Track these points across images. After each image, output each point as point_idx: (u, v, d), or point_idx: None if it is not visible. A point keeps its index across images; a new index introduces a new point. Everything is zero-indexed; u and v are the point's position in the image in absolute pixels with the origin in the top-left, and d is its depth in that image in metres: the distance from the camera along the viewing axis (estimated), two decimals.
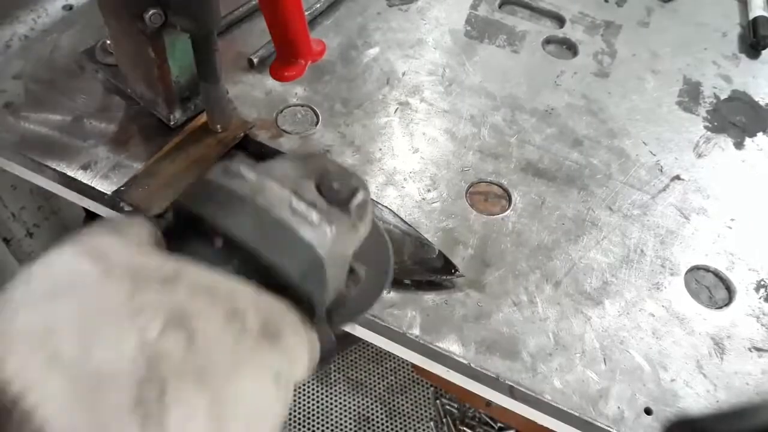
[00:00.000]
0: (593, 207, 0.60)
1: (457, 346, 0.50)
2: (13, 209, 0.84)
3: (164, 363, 0.24)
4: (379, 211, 0.55)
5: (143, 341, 0.24)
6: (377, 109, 0.67)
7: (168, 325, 0.25)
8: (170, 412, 0.23)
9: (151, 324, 0.24)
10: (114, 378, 0.23)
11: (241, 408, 0.26)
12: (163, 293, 0.26)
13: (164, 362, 0.24)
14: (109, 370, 0.23)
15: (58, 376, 0.22)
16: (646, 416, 0.47)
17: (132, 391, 0.23)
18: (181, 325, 0.25)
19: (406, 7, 0.79)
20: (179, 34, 0.53)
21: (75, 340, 0.23)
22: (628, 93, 0.72)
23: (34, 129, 0.60)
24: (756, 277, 0.56)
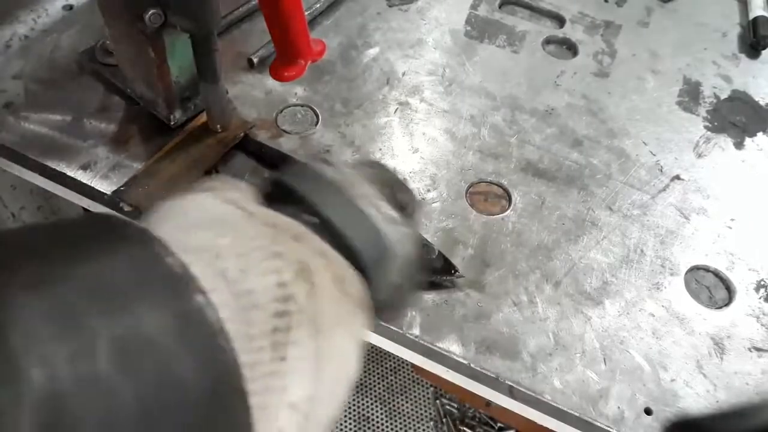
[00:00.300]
0: (593, 207, 0.60)
1: (457, 346, 0.50)
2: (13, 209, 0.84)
3: (292, 303, 0.26)
4: None
5: (281, 281, 0.27)
6: (377, 109, 0.67)
7: (296, 274, 0.28)
8: (291, 347, 0.26)
9: (286, 268, 0.27)
10: (261, 303, 0.25)
11: (336, 362, 0.29)
12: (294, 246, 0.29)
13: (293, 303, 0.26)
14: (258, 296, 0.25)
15: (226, 290, 0.25)
16: (646, 416, 0.47)
17: (271, 318, 0.25)
18: (305, 277, 0.28)
19: (406, 7, 0.79)
20: (179, 34, 0.53)
21: (235, 264, 0.26)
22: (628, 93, 0.72)
23: (34, 129, 0.60)
24: (756, 277, 0.56)
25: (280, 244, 0.28)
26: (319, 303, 0.28)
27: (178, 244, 0.25)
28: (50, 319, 0.20)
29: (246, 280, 0.26)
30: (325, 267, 0.30)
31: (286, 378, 0.25)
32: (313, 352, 0.27)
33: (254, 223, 0.29)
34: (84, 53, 0.65)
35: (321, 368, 0.27)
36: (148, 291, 0.22)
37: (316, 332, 0.27)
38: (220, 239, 0.27)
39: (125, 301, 0.22)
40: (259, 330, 0.25)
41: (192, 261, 0.24)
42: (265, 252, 0.27)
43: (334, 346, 0.28)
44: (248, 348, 0.24)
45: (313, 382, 0.27)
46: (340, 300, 0.30)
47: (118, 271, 0.22)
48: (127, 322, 0.21)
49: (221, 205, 0.30)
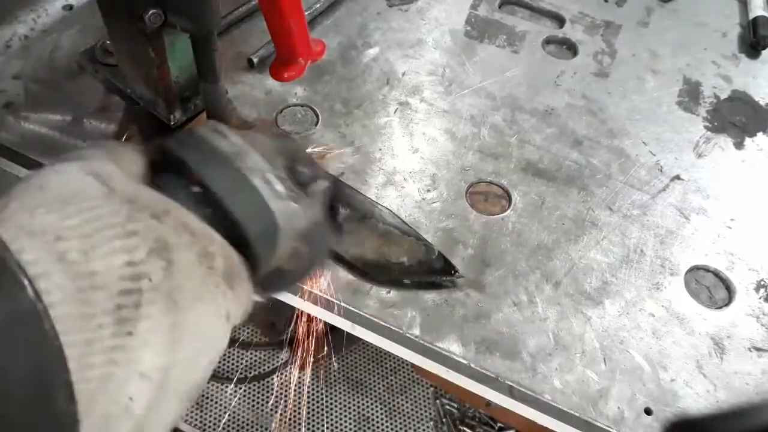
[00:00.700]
0: (593, 207, 0.60)
1: (457, 346, 0.50)
2: None
3: (144, 282, 0.27)
4: (378, 211, 0.55)
5: (131, 260, 0.27)
6: (377, 109, 0.67)
7: (152, 252, 0.28)
8: (141, 322, 0.27)
9: (139, 248, 0.28)
10: (104, 284, 0.26)
11: (195, 335, 0.30)
12: (152, 224, 0.29)
13: (144, 281, 0.27)
14: (101, 277, 0.26)
15: (62, 273, 0.25)
16: (646, 416, 0.47)
17: (115, 297, 0.26)
18: (163, 255, 0.29)
19: (406, 7, 0.79)
20: (179, 34, 0.53)
21: (78, 246, 0.26)
22: (628, 93, 0.72)
23: (34, 129, 0.60)
24: (756, 277, 0.56)
25: (137, 221, 0.29)
26: (177, 279, 0.29)
27: (19, 226, 0.26)
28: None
29: (88, 261, 0.26)
30: (188, 244, 0.30)
31: (134, 351, 0.27)
32: (168, 325, 0.28)
33: (112, 201, 0.29)
34: (84, 53, 0.65)
35: (177, 340, 0.28)
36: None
37: (172, 307, 0.28)
38: (67, 220, 0.27)
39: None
40: (100, 308, 0.26)
41: (28, 246, 0.25)
42: (117, 230, 0.28)
43: (193, 320, 0.29)
44: (82, 327, 0.25)
45: (168, 354, 0.28)
46: (203, 276, 0.30)
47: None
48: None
49: (83, 178, 0.30)
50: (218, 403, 1.17)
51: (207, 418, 1.15)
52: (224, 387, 1.18)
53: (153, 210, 0.30)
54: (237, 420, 1.15)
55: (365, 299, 0.52)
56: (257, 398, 1.18)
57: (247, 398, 1.17)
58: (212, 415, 1.15)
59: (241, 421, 1.15)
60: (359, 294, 0.52)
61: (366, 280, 0.52)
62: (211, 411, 1.16)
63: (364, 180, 0.59)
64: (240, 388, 1.18)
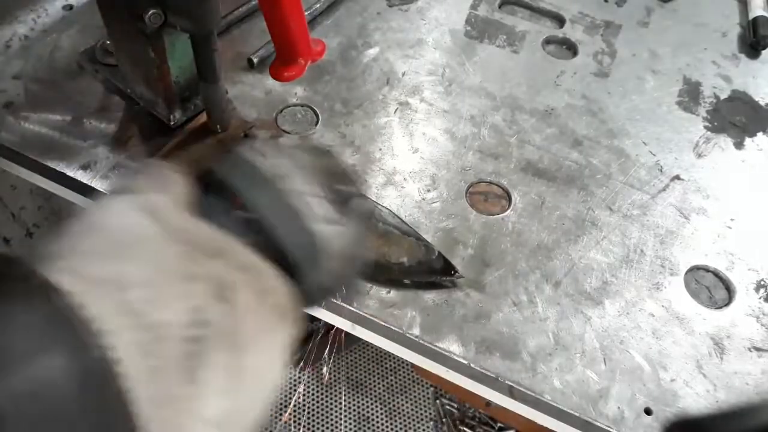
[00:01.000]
0: (593, 207, 0.60)
1: (457, 346, 0.50)
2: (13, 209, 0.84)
3: (207, 327, 0.27)
4: (378, 211, 0.55)
5: (194, 306, 0.27)
6: (377, 109, 0.67)
7: (213, 296, 0.28)
8: (204, 370, 0.26)
9: (200, 292, 0.27)
10: (169, 334, 0.26)
11: (255, 376, 0.29)
12: (212, 266, 0.29)
13: (206, 327, 0.27)
14: (167, 326, 0.26)
15: (128, 326, 0.25)
16: (646, 416, 0.47)
17: (180, 346, 0.26)
18: (223, 297, 0.28)
19: (406, 7, 0.79)
20: (179, 34, 0.53)
21: (142, 295, 0.26)
22: (628, 93, 0.72)
23: (34, 129, 0.60)
24: (756, 277, 0.56)
25: (197, 264, 0.28)
26: (238, 321, 0.28)
27: (80, 276, 0.25)
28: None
29: (153, 311, 0.26)
30: (246, 283, 0.30)
31: (199, 400, 0.26)
32: (231, 370, 0.28)
33: (169, 243, 0.29)
34: (84, 53, 0.65)
35: (238, 383, 0.28)
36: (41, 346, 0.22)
37: (234, 351, 0.28)
38: (128, 267, 0.27)
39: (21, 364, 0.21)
40: (166, 360, 0.25)
41: (92, 298, 0.24)
42: (178, 276, 0.27)
43: (253, 362, 0.29)
44: (150, 380, 0.24)
45: (229, 397, 0.28)
46: (262, 314, 0.30)
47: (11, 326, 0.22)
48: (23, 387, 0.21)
49: (137, 216, 0.29)
50: None
51: None
52: None
53: (210, 249, 0.30)
54: None
55: (365, 299, 0.52)
56: None
57: None
58: None
59: None
60: (359, 294, 0.52)
61: (366, 280, 0.52)
62: None
63: (364, 180, 0.59)
64: None
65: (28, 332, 0.22)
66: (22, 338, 0.22)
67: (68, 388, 0.22)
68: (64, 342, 0.23)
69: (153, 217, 0.29)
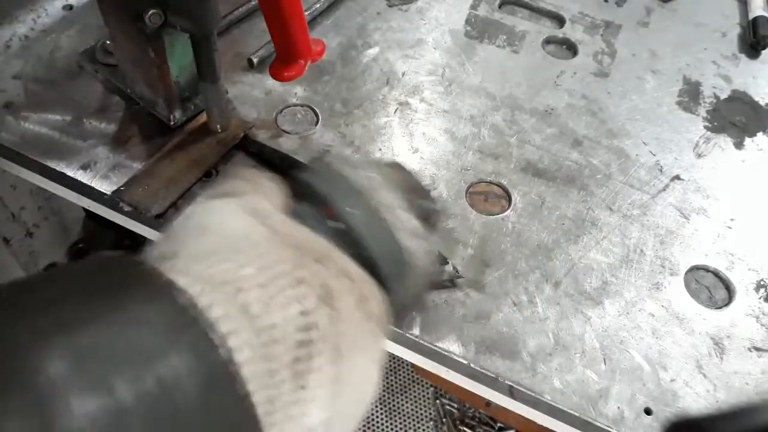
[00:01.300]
0: (593, 207, 0.60)
1: (457, 346, 0.50)
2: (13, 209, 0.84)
3: (314, 332, 0.27)
4: None
5: (303, 310, 0.27)
6: (377, 109, 0.67)
7: (319, 300, 0.28)
8: (312, 375, 0.26)
9: (308, 296, 0.27)
10: (283, 337, 0.26)
11: (355, 385, 0.29)
12: (317, 269, 0.29)
13: (314, 331, 0.27)
14: (280, 329, 0.26)
15: (247, 328, 0.25)
16: (646, 416, 0.47)
17: (292, 350, 0.26)
18: (328, 302, 0.28)
19: (406, 7, 0.79)
20: (179, 34, 0.53)
21: (257, 297, 0.26)
22: (628, 93, 0.72)
23: (34, 129, 0.60)
24: (756, 277, 0.56)
25: (304, 268, 0.28)
26: (341, 328, 0.28)
27: (199, 278, 0.25)
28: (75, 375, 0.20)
29: (268, 313, 0.26)
30: (348, 289, 0.30)
31: (305, 405, 0.26)
32: (333, 377, 0.27)
33: (277, 246, 0.29)
34: (84, 53, 0.65)
35: (340, 391, 0.28)
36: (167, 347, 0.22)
37: (337, 357, 0.28)
38: (242, 269, 0.26)
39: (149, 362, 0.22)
40: (280, 364, 0.25)
41: (215, 300, 0.24)
42: (288, 279, 0.27)
43: (353, 370, 0.29)
44: (268, 384, 0.24)
45: (331, 406, 0.27)
46: (362, 322, 0.30)
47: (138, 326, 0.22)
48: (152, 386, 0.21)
49: (243, 218, 0.29)
50: None
51: None
52: None
53: (316, 254, 0.30)
54: None
55: None
56: None
57: None
58: None
59: None
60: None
61: None
62: None
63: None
64: None
65: (155, 332, 0.22)
66: (150, 338, 0.22)
67: (194, 389, 0.22)
68: (190, 342, 0.23)
69: (260, 219, 0.29)
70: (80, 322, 0.22)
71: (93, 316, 0.22)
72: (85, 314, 0.22)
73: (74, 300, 0.23)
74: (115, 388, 0.20)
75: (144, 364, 0.21)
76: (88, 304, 0.23)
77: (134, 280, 0.24)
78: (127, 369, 0.21)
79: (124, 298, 0.23)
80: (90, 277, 0.25)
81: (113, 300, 0.23)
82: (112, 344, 0.21)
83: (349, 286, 0.30)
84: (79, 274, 0.25)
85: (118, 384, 0.20)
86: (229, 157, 0.59)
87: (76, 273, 0.25)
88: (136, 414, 0.20)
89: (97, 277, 0.25)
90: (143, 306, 0.23)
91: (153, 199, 0.54)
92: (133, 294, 0.23)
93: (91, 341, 0.21)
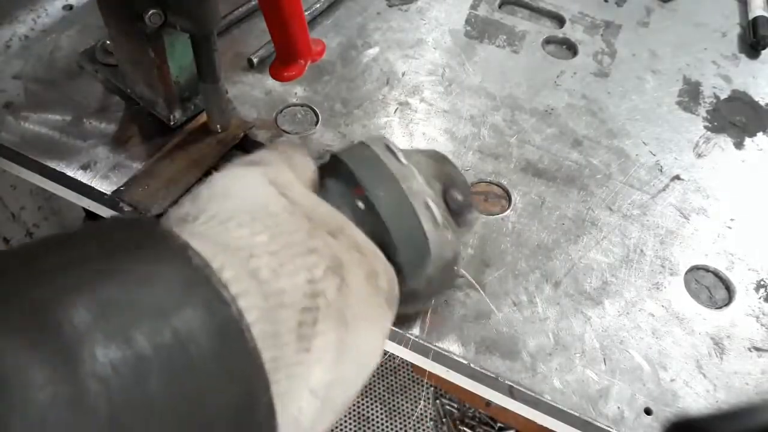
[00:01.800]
0: (593, 207, 0.60)
1: (457, 346, 0.50)
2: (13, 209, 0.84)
3: (320, 299, 0.28)
4: None
5: (311, 278, 0.28)
6: (377, 109, 0.67)
7: (328, 270, 0.29)
8: (316, 339, 0.28)
9: (318, 265, 0.29)
10: (290, 302, 0.27)
11: (359, 353, 0.31)
12: (329, 241, 0.30)
13: (321, 299, 0.28)
14: (288, 294, 0.27)
15: (256, 291, 0.26)
16: (646, 416, 0.47)
17: (298, 315, 0.27)
18: (337, 272, 0.29)
19: (406, 7, 0.79)
20: (179, 34, 0.53)
21: (268, 263, 0.27)
22: (628, 93, 0.72)
23: (34, 129, 0.60)
24: (756, 277, 0.56)
25: (316, 238, 0.30)
26: (348, 297, 0.30)
27: (215, 241, 0.27)
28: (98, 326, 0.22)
29: (277, 279, 0.27)
30: (358, 262, 0.31)
31: (308, 366, 0.27)
32: (337, 343, 0.29)
33: (294, 216, 0.30)
34: (84, 53, 0.65)
35: (343, 358, 0.29)
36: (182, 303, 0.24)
37: (342, 325, 0.29)
38: (257, 236, 0.28)
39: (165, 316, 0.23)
40: (286, 327, 0.27)
41: (227, 263, 0.26)
42: (300, 248, 0.29)
43: (357, 338, 0.30)
44: (273, 344, 0.26)
45: (333, 370, 0.29)
46: (369, 295, 0.31)
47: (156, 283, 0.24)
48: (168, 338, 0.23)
49: (266, 188, 0.31)
50: None
51: None
52: None
53: (330, 227, 0.31)
54: None
55: None
56: None
57: None
58: None
59: None
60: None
61: None
62: None
63: None
64: None
65: (170, 289, 0.24)
66: (165, 294, 0.24)
67: (207, 341, 0.23)
68: (203, 299, 0.24)
69: (280, 190, 0.31)
70: (101, 279, 0.23)
71: (113, 273, 0.24)
72: (106, 272, 0.24)
73: (95, 259, 0.24)
74: (134, 338, 0.22)
75: (160, 318, 0.23)
76: (109, 263, 0.24)
77: (151, 241, 0.26)
78: (146, 322, 0.22)
79: (142, 258, 0.25)
80: (109, 238, 0.26)
81: (131, 259, 0.24)
82: (131, 299, 0.23)
83: (359, 259, 0.31)
84: (99, 235, 0.26)
85: (137, 335, 0.22)
86: (229, 157, 0.59)
87: (96, 234, 0.26)
88: (154, 362, 0.22)
89: (116, 238, 0.26)
90: (159, 265, 0.24)
91: (153, 199, 0.54)
92: (150, 254, 0.25)
93: (111, 296, 0.23)
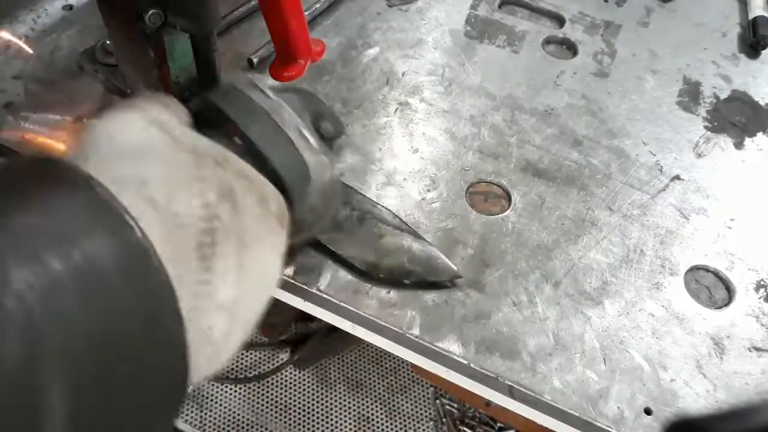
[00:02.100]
0: (593, 207, 0.60)
1: (456, 346, 0.50)
2: None
3: (216, 222, 0.30)
4: (378, 211, 0.55)
5: (205, 202, 0.30)
6: (377, 109, 0.67)
7: (220, 196, 0.31)
8: (217, 259, 0.30)
9: (210, 191, 0.31)
10: (187, 224, 0.29)
11: (259, 271, 0.33)
12: (217, 170, 0.32)
13: (216, 221, 0.30)
14: (184, 218, 0.29)
15: (153, 215, 0.28)
16: (645, 416, 0.47)
17: (197, 236, 0.29)
18: (229, 197, 0.31)
19: (406, 7, 0.79)
20: (179, 34, 0.53)
21: (161, 191, 0.29)
22: (628, 93, 0.72)
23: (34, 129, 0.60)
24: (756, 277, 0.56)
25: (204, 167, 0.31)
26: (243, 220, 0.32)
27: (107, 175, 0.28)
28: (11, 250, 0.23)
29: (172, 204, 0.29)
30: (247, 188, 0.33)
31: (214, 284, 0.30)
32: (238, 262, 0.31)
33: (178, 150, 0.31)
34: (84, 53, 0.64)
35: (245, 276, 0.31)
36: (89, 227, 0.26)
37: (240, 245, 0.31)
38: (146, 169, 0.30)
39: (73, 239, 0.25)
40: (186, 247, 0.29)
41: (120, 191, 0.27)
42: (190, 177, 0.30)
43: (256, 257, 0.32)
44: (175, 264, 0.28)
45: (238, 288, 0.31)
46: (262, 217, 0.33)
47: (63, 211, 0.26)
48: (78, 259, 0.24)
49: (148, 128, 0.32)
50: (218, 403, 1.17)
51: (207, 418, 1.15)
52: (224, 387, 1.18)
53: (215, 157, 0.32)
54: (237, 420, 1.15)
55: (365, 299, 0.52)
56: (257, 398, 1.18)
57: (247, 398, 1.17)
58: (212, 415, 1.15)
59: (241, 421, 1.15)
60: (359, 294, 0.52)
61: (366, 280, 0.52)
62: (211, 411, 1.16)
63: (364, 180, 0.59)
64: (240, 388, 1.18)
65: (77, 216, 0.26)
66: (73, 222, 0.25)
67: (116, 264, 0.25)
68: (110, 225, 0.26)
69: (161, 129, 0.32)
70: (12, 210, 0.25)
71: (23, 205, 0.25)
72: (15, 204, 0.25)
73: (4, 191, 0.26)
74: (47, 261, 0.23)
75: (71, 243, 0.25)
76: (18, 195, 0.26)
77: (56, 174, 0.28)
78: (57, 246, 0.24)
79: (49, 189, 0.26)
80: (15, 174, 0.28)
81: (38, 191, 0.26)
82: (41, 227, 0.25)
83: (247, 185, 0.33)
84: (6, 170, 0.28)
85: (50, 258, 0.24)
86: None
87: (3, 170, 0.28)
88: (66, 280, 0.24)
89: (22, 174, 0.28)
90: (66, 195, 0.26)
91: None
92: (56, 185, 0.27)
93: (23, 224, 0.24)
